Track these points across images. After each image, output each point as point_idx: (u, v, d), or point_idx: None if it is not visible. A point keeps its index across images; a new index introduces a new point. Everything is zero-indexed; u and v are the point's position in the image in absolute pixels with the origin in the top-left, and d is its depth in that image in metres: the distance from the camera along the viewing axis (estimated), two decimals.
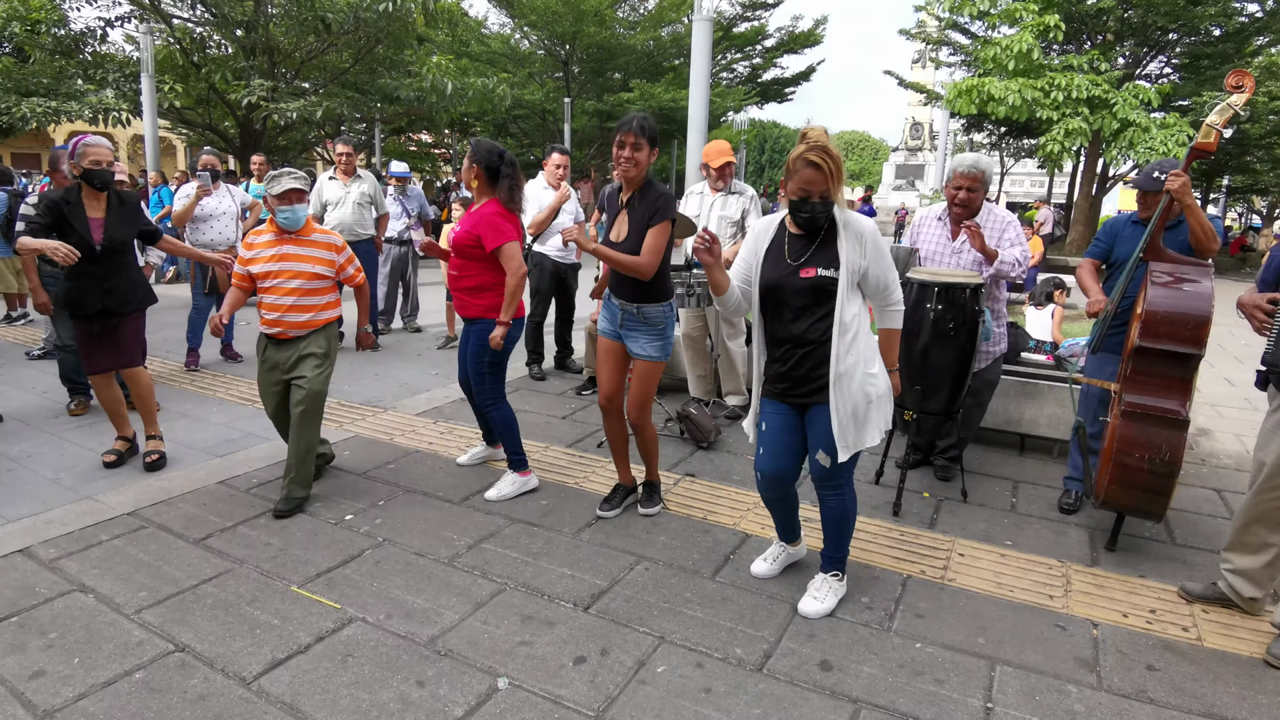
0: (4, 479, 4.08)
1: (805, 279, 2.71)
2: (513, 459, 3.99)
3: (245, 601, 2.93)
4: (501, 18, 23.43)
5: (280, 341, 3.81)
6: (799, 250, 2.76)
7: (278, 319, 3.76)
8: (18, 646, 2.62)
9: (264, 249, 3.79)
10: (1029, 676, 2.58)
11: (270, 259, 3.76)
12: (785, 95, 27.29)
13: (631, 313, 3.51)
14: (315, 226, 3.89)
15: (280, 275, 3.74)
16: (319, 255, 3.83)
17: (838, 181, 2.65)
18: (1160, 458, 3.17)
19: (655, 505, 3.78)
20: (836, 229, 2.73)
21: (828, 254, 2.72)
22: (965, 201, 3.95)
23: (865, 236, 2.72)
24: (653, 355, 3.53)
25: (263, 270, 3.76)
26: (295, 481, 3.74)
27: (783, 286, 2.76)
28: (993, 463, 4.54)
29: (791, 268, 2.75)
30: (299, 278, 3.77)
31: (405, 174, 8.13)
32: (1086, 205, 17.30)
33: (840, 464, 2.79)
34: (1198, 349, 3.15)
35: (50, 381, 5.78)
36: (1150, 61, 17.10)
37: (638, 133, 3.28)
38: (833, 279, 2.69)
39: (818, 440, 2.80)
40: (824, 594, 2.97)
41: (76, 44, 12.27)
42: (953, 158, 5.27)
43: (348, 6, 11.67)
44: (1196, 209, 3.38)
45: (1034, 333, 6.69)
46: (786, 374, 2.82)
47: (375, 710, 2.36)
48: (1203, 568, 3.36)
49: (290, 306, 3.75)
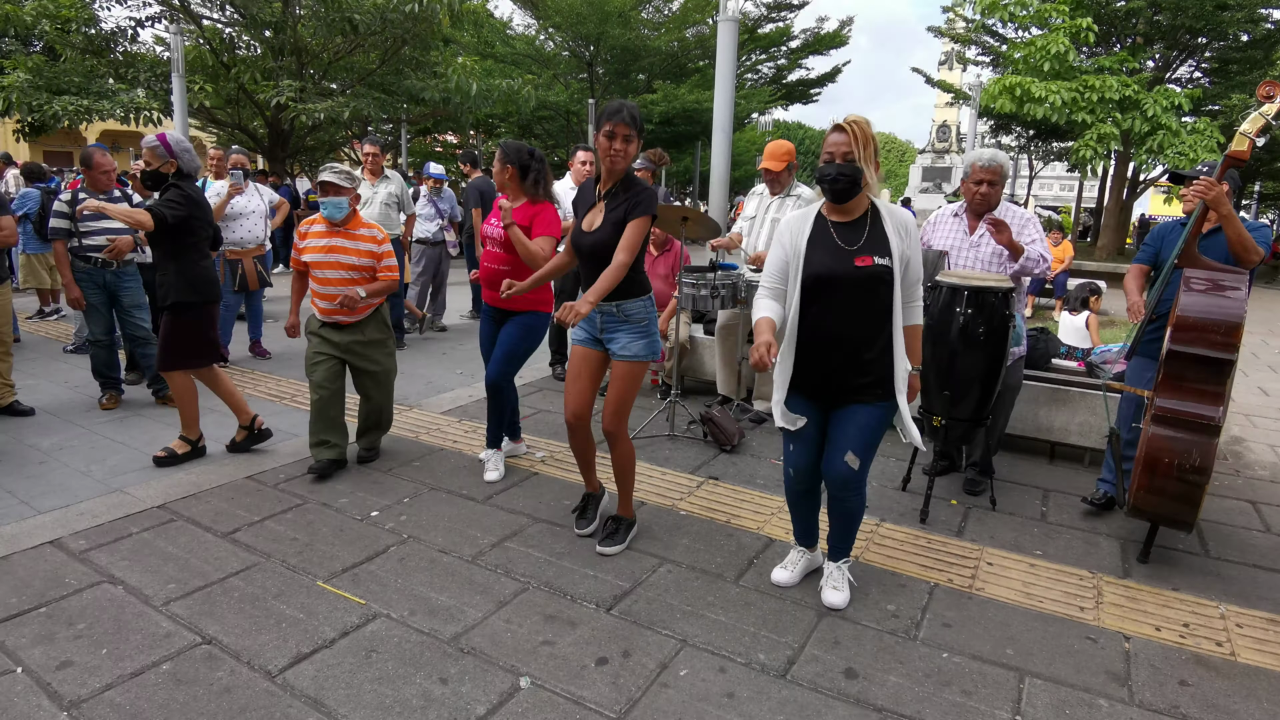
0: (36, 471, 4.15)
1: (862, 268, 2.65)
2: (516, 431, 4.47)
3: (271, 595, 2.95)
4: (527, 19, 23.52)
5: (338, 326, 4.13)
6: (850, 238, 2.70)
7: (333, 307, 4.05)
8: (46, 637, 2.66)
9: (315, 239, 4.08)
10: (1059, 689, 2.53)
11: (320, 249, 4.05)
12: (810, 97, 27.15)
13: (611, 312, 3.23)
14: (362, 220, 4.16)
15: (329, 266, 4.04)
16: (362, 248, 4.10)
17: (866, 150, 2.61)
18: (1190, 463, 3.12)
19: (615, 545, 3.36)
20: (881, 216, 2.70)
21: (879, 242, 2.67)
22: (986, 195, 3.92)
23: (908, 226, 2.71)
24: (638, 354, 3.23)
25: (314, 260, 4.06)
26: (378, 430, 4.39)
27: (838, 276, 2.67)
28: (1022, 471, 4.48)
29: (845, 254, 2.68)
30: (345, 269, 4.06)
31: (442, 175, 8.11)
32: (1117, 209, 17.08)
33: (864, 468, 2.78)
34: (1229, 354, 3.11)
35: (82, 375, 5.87)
36: (1180, 66, 16.85)
37: (629, 123, 3.05)
38: (888, 268, 2.65)
39: (847, 442, 2.75)
40: (842, 583, 3.02)
41: (107, 43, 12.45)
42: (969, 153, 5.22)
43: (374, 8, 11.75)
44: (1234, 219, 3.33)
45: (1066, 339, 6.59)
46: (830, 373, 2.76)
47: (398, 706, 2.37)
48: (1237, 581, 3.29)
49: (340, 296, 4.00)
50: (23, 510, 3.66)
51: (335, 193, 3.99)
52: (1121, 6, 14.51)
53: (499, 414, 4.21)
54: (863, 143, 2.61)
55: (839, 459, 2.77)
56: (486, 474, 4.15)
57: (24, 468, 4.19)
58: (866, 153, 2.62)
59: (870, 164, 2.64)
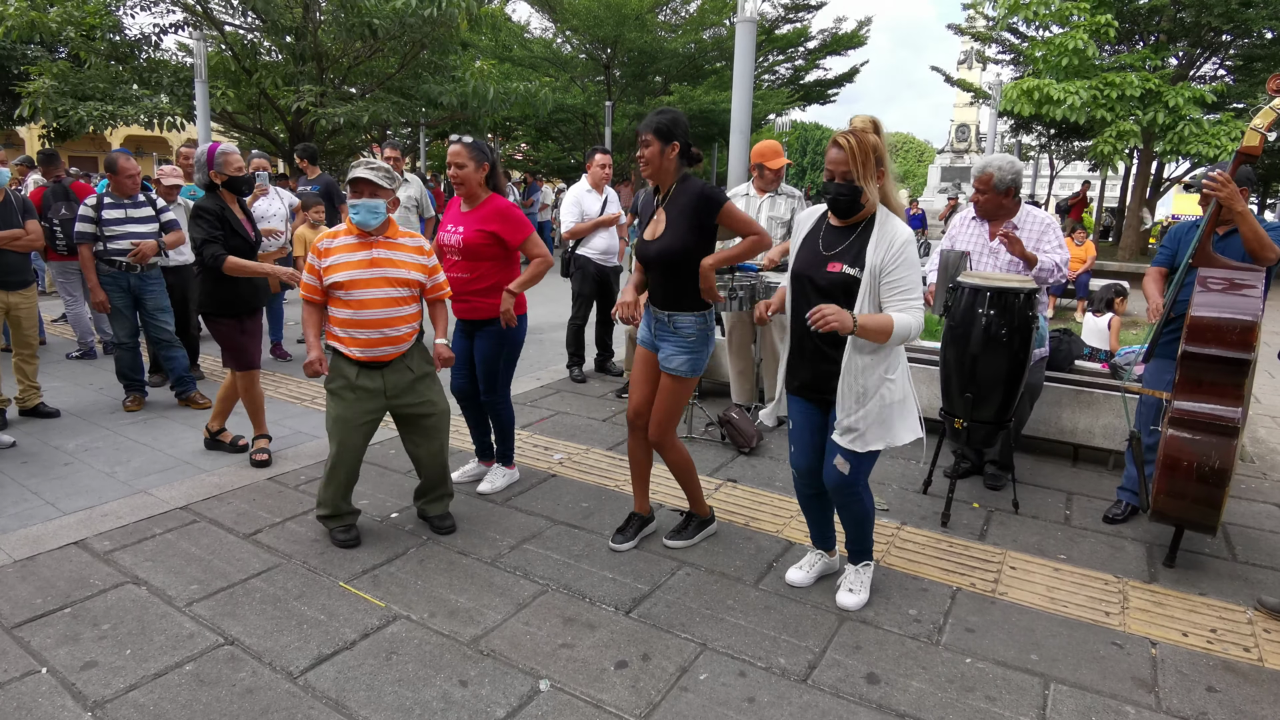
0: (61, 472, 4.20)
1: (830, 273, 2.68)
2: (508, 455, 4.12)
3: (293, 596, 2.97)
4: (544, 22, 23.58)
5: (375, 366, 3.33)
6: (832, 243, 2.74)
7: (377, 338, 3.28)
8: (71, 637, 2.69)
9: (346, 253, 3.26)
10: (1085, 696, 2.50)
11: (359, 264, 3.25)
12: (828, 97, 27.02)
13: (662, 320, 3.23)
14: (400, 228, 3.43)
15: (370, 284, 3.25)
16: (411, 260, 3.38)
17: (865, 166, 2.57)
18: (1209, 465, 3.08)
19: (684, 539, 3.45)
20: (873, 228, 2.68)
21: (856, 252, 2.67)
22: (982, 203, 4.00)
23: (895, 242, 2.61)
24: (678, 370, 3.19)
25: (350, 278, 3.23)
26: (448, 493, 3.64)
27: (810, 277, 2.75)
28: (1045, 474, 4.42)
29: (821, 259, 2.73)
30: (394, 285, 3.31)
31: None
32: (1139, 209, 16.85)
33: (857, 472, 2.77)
34: (1246, 353, 3.07)
35: (106, 378, 5.95)
36: (1204, 63, 16.62)
37: (643, 129, 3.10)
38: (855, 278, 2.64)
39: (835, 446, 2.77)
40: (858, 585, 3.01)
41: (132, 50, 12.61)
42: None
43: (394, 12, 11.82)
44: (1248, 216, 3.29)
45: (1089, 340, 6.52)
46: (807, 369, 2.82)
47: (418, 708, 2.37)
48: (1266, 585, 3.23)
49: (387, 320, 3.29)
50: (48, 511, 3.71)
51: (371, 193, 3.23)
52: (1144, 3, 14.34)
53: (479, 423, 4.09)
54: (861, 159, 2.56)
55: (830, 464, 2.81)
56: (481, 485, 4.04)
57: (49, 469, 4.24)
58: (865, 169, 2.57)
59: (870, 179, 2.59)
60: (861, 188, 2.60)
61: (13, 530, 3.49)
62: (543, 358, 7.27)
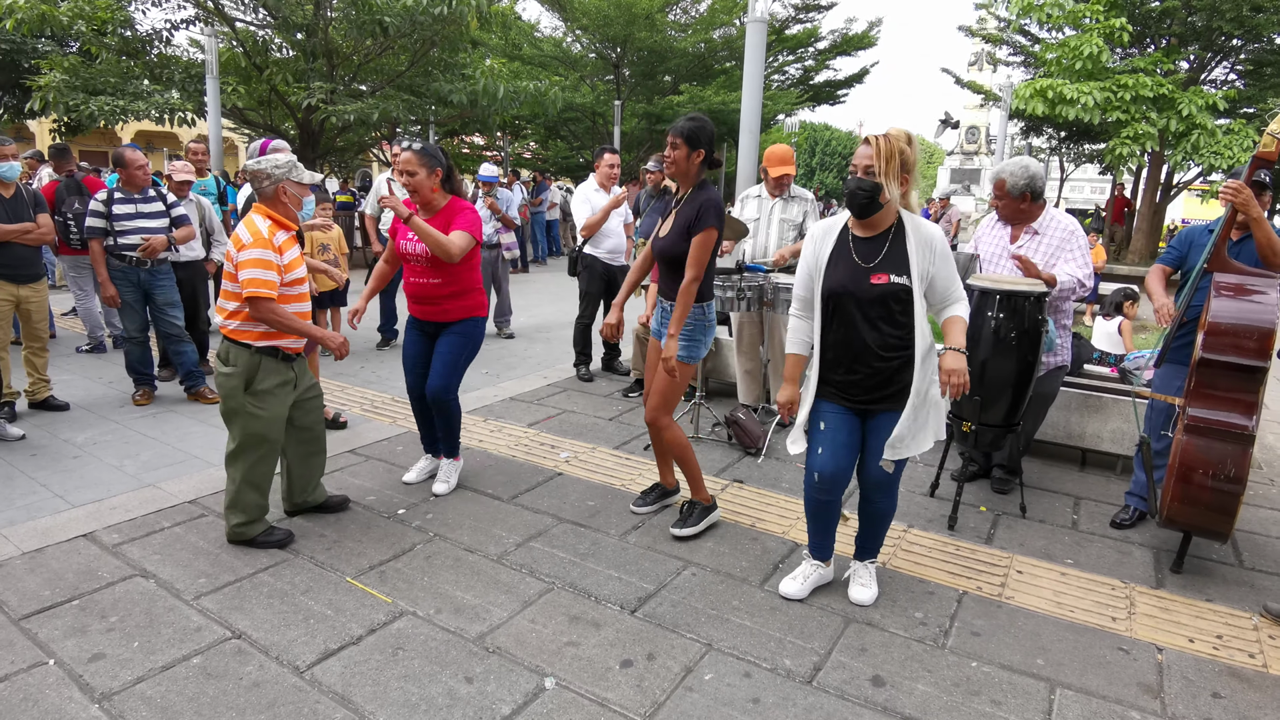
0: (70, 465, 4.22)
1: (877, 285, 2.67)
2: (454, 448, 4.04)
3: (300, 591, 2.98)
4: (554, 21, 23.59)
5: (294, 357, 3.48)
6: (868, 254, 2.73)
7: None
8: (79, 629, 2.70)
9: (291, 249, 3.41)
10: (1090, 701, 2.49)
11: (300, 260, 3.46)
12: (838, 98, 26.96)
13: (666, 310, 3.46)
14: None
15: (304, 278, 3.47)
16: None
17: (888, 164, 2.61)
18: (1225, 474, 3.07)
19: (687, 528, 3.50)
20: (905, 232, 2.69)
21: (898, 259, 2.68)
22: (1000, 209, 3.98)
23: (935, 243, 2.70)
24: (674, 353, 3.34)
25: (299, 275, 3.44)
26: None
27: (851, 293, 2.72)
28: (1053, 478, 4.41)
29: (862, 271, 2.71)
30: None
31: (493, 178, 8.01)
32: (1150, 213, 16.77)
33: (900, 468, 2.83)
34: (1263, 361, 3.05)
35: (116, 372, 5.98)
36: (1215, 67, 16.54)
37: (675, 134, 3.27)
38: (905, 286, 2.66)
39: (881, 447, 2.78)
40: (869, 580, 3.05)
41: (143, 45, 12.65)
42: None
43: (404, 10, 11.83)
44: (1263, 222, 3.27)
45: (1099, 344, 6.49)
46: (856, 382, 2.80)
47: (424, 704, 2.38)
48: (1272, 592, 3.21)
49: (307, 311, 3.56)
50: (57, 504, 3.73)
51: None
52: (1156, 7, 14.28)
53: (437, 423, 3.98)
54: (885, 157, 2.61)
55: (874, 463, 2.82)
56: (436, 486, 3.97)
57: (59, 462, 4.27)
58: (889, 167, 2.62)
59: (892, 178, 2.63)
60: (881, 185, 2.63)
61: (21, 522, 3.51)
62: (549, 356, 7.27)
